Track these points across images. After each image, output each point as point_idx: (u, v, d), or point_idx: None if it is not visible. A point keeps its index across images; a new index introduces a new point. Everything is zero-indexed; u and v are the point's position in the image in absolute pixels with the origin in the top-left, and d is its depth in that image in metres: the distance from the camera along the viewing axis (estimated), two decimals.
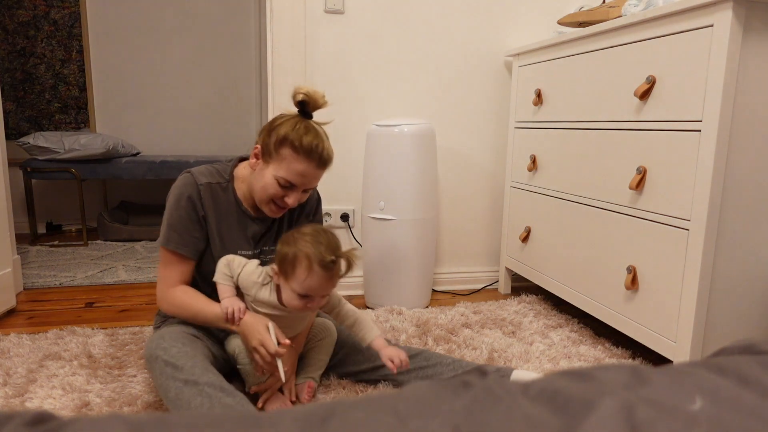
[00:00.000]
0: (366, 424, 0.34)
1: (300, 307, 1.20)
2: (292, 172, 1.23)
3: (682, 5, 1.27)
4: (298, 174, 1.23)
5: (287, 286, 1.19)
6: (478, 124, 2.28)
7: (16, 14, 3.39)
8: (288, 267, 1.17)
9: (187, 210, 1.27)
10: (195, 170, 1.31)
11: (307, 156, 1.22)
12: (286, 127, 1.24)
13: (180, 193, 1.28)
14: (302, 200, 1.31)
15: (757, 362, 0.41)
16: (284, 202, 1.27)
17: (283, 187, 1.25)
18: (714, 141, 1.22)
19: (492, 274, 2.39)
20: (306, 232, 1.20)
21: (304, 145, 1.21)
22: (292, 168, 1.23)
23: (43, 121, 3.53)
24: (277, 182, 1.24)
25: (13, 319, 1.87)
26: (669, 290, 1.36)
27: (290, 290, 1.19)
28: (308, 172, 1.24)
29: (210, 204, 1.30)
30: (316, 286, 1.16)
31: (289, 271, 1.17)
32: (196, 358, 1.16)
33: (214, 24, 3.68)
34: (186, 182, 1.29)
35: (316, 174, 1.26)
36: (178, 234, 1.27)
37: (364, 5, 2.10)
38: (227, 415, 0.36)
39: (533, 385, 0.40)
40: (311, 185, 1.28)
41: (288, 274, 1.17)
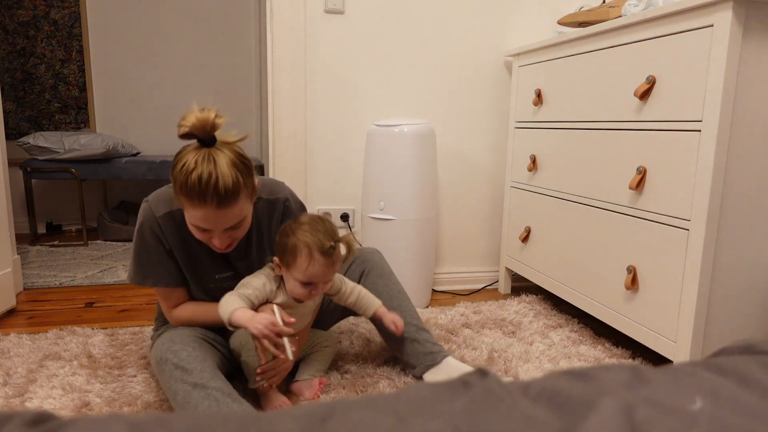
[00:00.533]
0: (366, 424, 0.34)
1: (305, 295, 1.22)
2: (195, 218, 1.10)
3: (682, 5, 1.27)
4: (201, 220, 1.09)
5: (290, 276, 1.20)
6: (478, 124, 2.28)
7: (16, 14, 3.39)
8: (289, 257, 1.18)
9: (153, 244, 1.22)
10: (153, 199, 1.22)
11: (199, 200, 1.06)
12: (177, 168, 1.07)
13: (142, 229, 1.22)
14: (237, 235, 1.17)
15: (757, 362, 0.41)
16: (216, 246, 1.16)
17: (202, 231, 1.13)
18: (714, 141, 1.22)
19: (492, 274, 2.39)
20: (303, 221, 1.20)
21: (190, 191, 1.05)
22: (193, 215, 1.10)
23: (43, 121, 3.53)
24: (194, 228, 1.14)
25: (13, 319, 1.87)
26: (669, 290, 1.36)
27: (293, 280, 1.20)
28: (209, 216, 1.08)
29: (172, 235, 1.22)
30: (318, 273, 1.18)
31: (291, 261, 1.18)
32: (205, 362, 1.14)
33: (214, 24, 3.68)
34: (145, 216, 1.21)
35: (220, 215, 1.08)
36: (152, 269, 1.23)
37: (364, 5, 2.10)
38: (227, 415, 0.36)
39: (533, 385, 0.40)
40: (227, 225, 1.11)
41: (290, 265, 1.19)
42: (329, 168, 2.18)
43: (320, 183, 2.17)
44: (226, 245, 1.16)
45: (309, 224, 1.20)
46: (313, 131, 2.13)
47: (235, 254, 1.30)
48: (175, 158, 1.09)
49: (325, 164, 2.17)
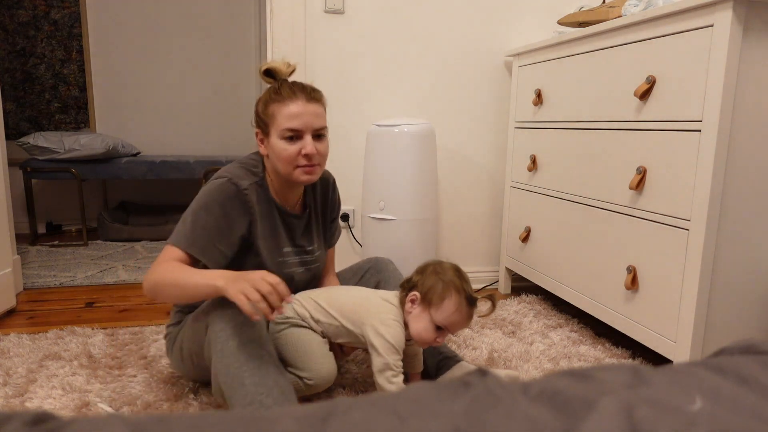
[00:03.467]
0: (366, 424, 0.34)
1: (431, 340, 1.19)
2: (288, 119, 1.21)
3: (682, 5, 1.27)
4: (293, 117, 1.20)
5: (426, 316, 1.18)
6: (479, 124, 2.28)
7: (16, 14, 3.39)
8: (436, 298, 1.18)
9: (222, 218, 1.19)
10: (231, 173, 1.24)
11: (291, 96, 1.21)
12: (264, 95, 1.26)
13: (217, 199, 1.19)
14: (322, 150, 1.25)
15: (757, 362, 0.41)
16: (306, 158, 1.23)
17: (292, 141, 1.22)
18: (714, 141, 1.22)
19: (492, 274, 2.39)
20: (448, 267, 1.22)
21: (283, 91, 1.22)
22: (285, 116, 1.21)
23: (43, 121, 3.53)
24: (284, 140, 1.22)
25: (13, 319, 1.87)
26: (669, 290, 1.36)
27: (428, 321, 1.18)
28: (301, 110, 1.21)
29: (259, 203, 1.26)
30: (458, 321, 1.18)
31: (436, 302, 1.18)
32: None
33: (214, 24, 3.68)
34: (227, 190, 1.20)
35: (310, 110, 1.22)
36: (202, 238, 1.17)
37: (364, 5, 2.10)
38: (227, 415, 0.36)
39: (533, 385, 0.40)
40: (316, 124, 1.23)
41: (433, 305, 1.18)
42: (329, 168, 2.17)
43: None
44: (315, 152, 1.22)
45: (456, 270, 1.22)
46: None
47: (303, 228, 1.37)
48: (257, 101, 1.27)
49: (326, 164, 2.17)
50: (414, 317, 1.20)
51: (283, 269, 1.32)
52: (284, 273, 1.32)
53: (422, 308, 1.19)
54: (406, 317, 1.22)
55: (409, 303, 1.21)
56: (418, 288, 1.20)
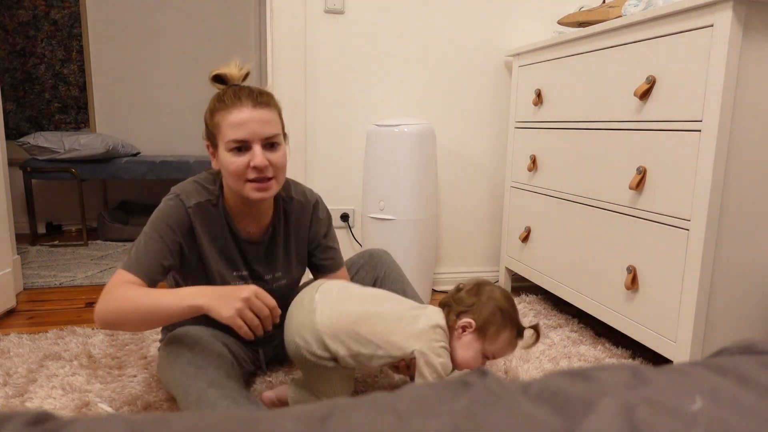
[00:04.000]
0: (365, 424, 0.34)
1: (472, 365, 1.14)
2: (232, 128, 1.09)
3: (682, 5, 1.27)
4: (238, 126, 1.09)
5: (478, 345, 1.13)
6: (478, 124, 2.28)
7: (16, 14, 3.39)
8: (493, 330, 1.12)
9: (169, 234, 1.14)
10: (181, 191, 1.18)
11: (234, 103, 1.10)
12: (210, 104, 1.17)
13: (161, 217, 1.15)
14: (275, 161, 1.13)
15: (757, 362, 0.41)
16: (256, 170, 1.11)
17: (239, 153, 1.11)
18: (714, 141, 1.22)
19: (492, 274, 2.39)
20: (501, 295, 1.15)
21: (226, 98, 1.12)
22: (229, 124, 1.10)
23: (43, 121, 3.53)
24: (231, 152, 1.11)
25: (13, 319, 1.87)
26: (669, 290, 1.36)
27: (479, 350, 1.13)
28: (247, 117, 1.09)
29: (201, 225, 1.18)
30: (506, 352, 1.15)
31: (493, 334, 1.12)
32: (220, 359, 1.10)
33: (214, 24, 3.68)
34: (173, 207, 1.16)
35: (257, 116, 1.10)
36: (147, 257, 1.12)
37: (364, 5, 2.10)
38: (227, 415, 0.36)
39: (533, 385, 0.40)
40: (265, 132, 1.11)
41: (489, 336, 1.13)
42: (329, 168, 2.18)
43: (320, 183, 2.17)
44: (265, 164, 1.10)
45: (510, 300, 1.16)
46: (313, 131, 2.13)
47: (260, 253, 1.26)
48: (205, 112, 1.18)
49: (325, 164, 2.17)
50: (463, 345, 1.13)
51: None
52: None
53: (475, 337, 1.13)
54: (454, 341, 1.14)
55: (461, 329, 1.14)
56: (473, 314, 1.13)
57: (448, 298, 1.20)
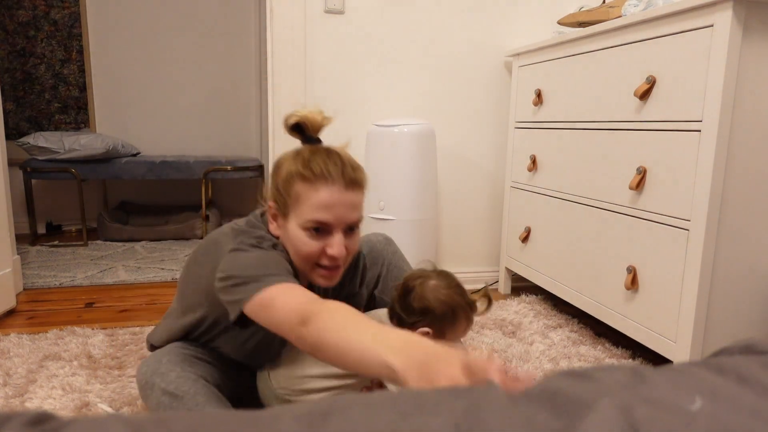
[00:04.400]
0: (366, 421, 0.34)
1: None
2: (317, 209, 0.95)
3: (682, 5, 1.27)
4: (325, 208, 0.95)
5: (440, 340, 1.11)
6: (478, 124, 2.28)
7: (16, 14, 3.39)
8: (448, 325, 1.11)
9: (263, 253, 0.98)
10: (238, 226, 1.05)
11: (325, 178, 0.95)
12: (288, 163, 0.99)
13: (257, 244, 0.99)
14: (351, 248, 1.01)
15: (757, 362, 0.41)
16: (330, 258, 0.98)
17: (317, 236, 0.97)
18: (714, 141, 1.22)
19: (492, 274, 2.39)
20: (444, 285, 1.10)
21: (314, 170, 0.95)
22: (315, 204, 0.95)
23: (43, 121, 3.53)
24: (305, 233, 0.97)
25: (13, 320, 1.87)
26: (669, 290, 1.36)
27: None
28: (335, 199, 0.95)
29: None
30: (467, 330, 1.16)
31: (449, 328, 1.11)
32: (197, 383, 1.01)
33: (214, 24, 3.68)
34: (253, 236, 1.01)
35: (348, 200, 0.97)
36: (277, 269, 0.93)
37: (363, 5, 2.10)
38: (227, 415, 0.36)
39: (532, 385, 0.40)
40: (351, 218, 0.98)
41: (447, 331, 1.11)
42: None
43: None
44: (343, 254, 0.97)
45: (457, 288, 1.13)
46: None
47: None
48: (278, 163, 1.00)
49: None
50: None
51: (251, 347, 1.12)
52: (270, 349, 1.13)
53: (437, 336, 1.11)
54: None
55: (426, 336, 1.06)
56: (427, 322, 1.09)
57: (395, 308, 1.14)
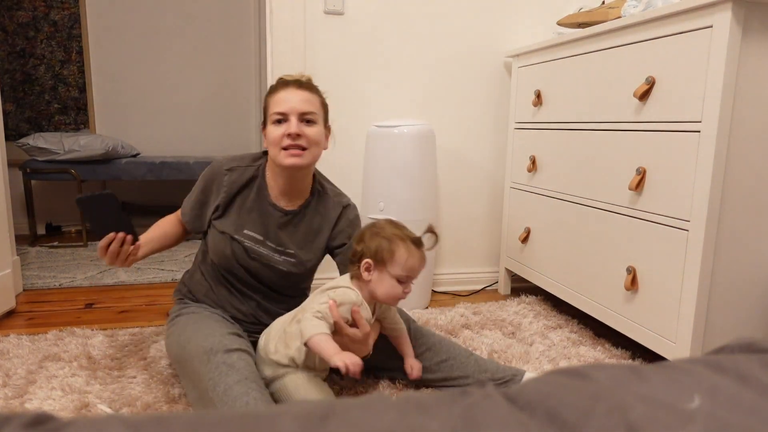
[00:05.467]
0: (365, 422, 0.34)
1: (399, 295, 1.24)
2: (276, 104, 1.30)
3: (681, 6, 1.28)
4: (280, 102, 1.30)
5: (386, 275, 1.23)
6: (478, 125, 2.28)
7: (16, 15, 3.39)
8: (386, 255, 1.22)
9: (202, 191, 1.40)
10: (226, 157, 1.42)
11: (282, 86, 1.32)
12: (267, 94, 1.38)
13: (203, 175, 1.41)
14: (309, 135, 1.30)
15: (757, 361, 0.41)
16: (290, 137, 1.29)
17: (279, 124, 1.30)
18: (713, 142, 1.22)
19: (492, 274, 2.39)
20: (382, 224, 1.27)
21: (277, 84, 1.34)
22: (274, 102, 1.31)
23: (43, 122, 3.53)
24: (273, 125, 1.31)
25: (13, 320, 1.87)
26: (669, 291, 1.36)
27: (389, 278, 1.22)
28: (289, 95, 1.29)
29: (231, 187, 1.37)
30: (414, 265, 1.23)
31: (389, 258, 1.22)
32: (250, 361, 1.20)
33: (214, 25, 3.68)
34: (211, 168, 1.40)
35: (298, 96, 1.30)
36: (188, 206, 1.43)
37: (363, 6, 2.10)
38: (226, 414, 0.36)
39: (529, 387, 0.40)
40: (302, 108, 1.30)
41: (388, 262, 1.22)
42: (329, 169, 2.17)
43: None
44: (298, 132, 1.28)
45: (392, 224, 1.26)
46: None
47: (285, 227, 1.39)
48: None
49: (325, 165, 2.17)
50: (376, 282, 1.24)
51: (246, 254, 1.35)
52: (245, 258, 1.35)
53: (379, 271, 1.23)
54: (369, 286, 1.24)
55: (366, 272, 1.23)
56: (367, 255, 1.23)
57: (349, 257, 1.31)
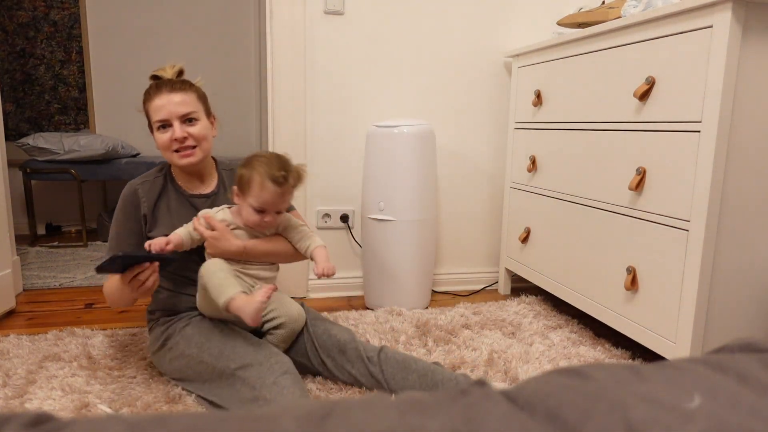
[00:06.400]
0: (365, 422, 0.34)
1: (258, 223, 1.32)
2: (155, 112, 1.34)
3: (681, 6, 1.28)
4: (158, 110, 1.34)
5: (246, 203, 1.31)
6: (478, 125, 2.28)
7: (16, 15, 3.39)
8: (245, 185, 1.30)
9: (125, 220, 1.40)
10: (134, 179, 1.46)
11: (155, 92, 1.35)
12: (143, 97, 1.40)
13: (119, 207, 1.41)
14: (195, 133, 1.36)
15: (757, 360, 0.41)
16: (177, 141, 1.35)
17: (164, 130, 1.35)
18: (713, 142, 1.22)
19: (492, 274, 2.39)
20: (262, 155, 1.33)
21: (150, 90, 1.37)
22: (153, 110, 1.35)
23: (43, 122, 3.53)
24: (158, 132, 1.36)
25: (13, 320, 1.87)
26: (669, 291, 1.36)
27: (248, 206, 1.31)
28: (164, 101, 1.33)
29: (148, 193, 1.41)
30: (270, 199, 1.29)
31: (246, 188, 1.30)
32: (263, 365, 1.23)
33: (214, 25, 3.68)
34: (124, 195, 1.42)
35: (174, 99, 1.33)
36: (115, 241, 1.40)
37: (363, 6, 2.10)
38: (226, 415, 0.36)
39: (529, 386, 0.40)
40: (181, 111, 1.34)
41: (245, 192, 1.31)
42: (329, 169, 2.18)
43: (320, 184, 2.17)
44: (183, 136, 1.34)
45: (266, 157, 1.32)
46: (312, 132, 2.13)
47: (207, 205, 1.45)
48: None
49: (325, 165, 2.17)
50: (240, 208, 1.34)
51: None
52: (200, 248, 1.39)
53: (242, 198, 1.32)
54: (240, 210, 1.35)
55: (236, 197, 1.34)
56: (236, 182, 1.34)
57: None
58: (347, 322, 1.82)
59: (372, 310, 2.01)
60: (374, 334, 1.71)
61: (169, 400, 1.30)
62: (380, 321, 1.84)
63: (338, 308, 2.04)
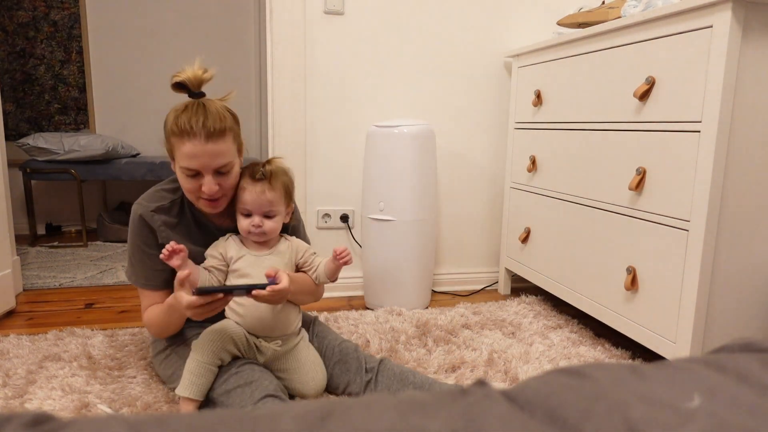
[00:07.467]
0: (366, 422, 0.34)
1: (247, 228, 1.29)
2: (185, 158, 1.16)
3: (681, 6, 1.28)
4: (190, 158, 1.16)
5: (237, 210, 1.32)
6: (478, 125, 2.28)
7: (16, 15, 3.39)
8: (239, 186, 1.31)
9: (145, 242, 1.29)
10: (142, 200, 1.31)
11: (188, 133, 1.15)
12: (169, 118, 1.21)
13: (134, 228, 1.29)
14: (225, 184, 1.22)
15: (757, 360, 0.41)
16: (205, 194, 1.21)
17: (191, 177, 1.20)
18: (713, 142, 1.22)
19: (492, 274, 2.39)
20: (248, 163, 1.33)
21: (180, 126, 1.16)
22: (183, 154, 1.16)
23: (43, 122, 3.53)
24: (183, 175, 1.21)
25: (13, 320, 1.87)
26: (669, 291, 1.36)
27: (237, 213, 1.31)
28: (198, 151, 1.15)
29: (164, 224, 1.29)
30: (248, 198, 1.28)
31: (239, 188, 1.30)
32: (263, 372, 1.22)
33: (214, 25, 3.68)
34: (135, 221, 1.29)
35: (209, 150, 1.16)
36: (141, 269, 1.30)
37: (363, 6, 2.10)
38: (226, 415, 0.36)
39: (529, 387, 0.40)
40: (215, 164, 1.18)
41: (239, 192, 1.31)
42: (329, 169, 2.18)
43: (320, 184, 2.17)
44: (215, 191, 1.20)
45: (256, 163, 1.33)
46: (312, 132, 2.13)
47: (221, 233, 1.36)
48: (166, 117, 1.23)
49: (325, 165, 2.17)
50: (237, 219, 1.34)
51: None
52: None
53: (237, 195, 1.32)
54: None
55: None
56: None
57: None
58: (347, 322, 1.82)
59: (372, 310, 2.01)
60: (374, 334, 1.71)
61: (169, 400, 1.30)
62: (380, 321, 1.84)
63: (338, 308, 2.04)
